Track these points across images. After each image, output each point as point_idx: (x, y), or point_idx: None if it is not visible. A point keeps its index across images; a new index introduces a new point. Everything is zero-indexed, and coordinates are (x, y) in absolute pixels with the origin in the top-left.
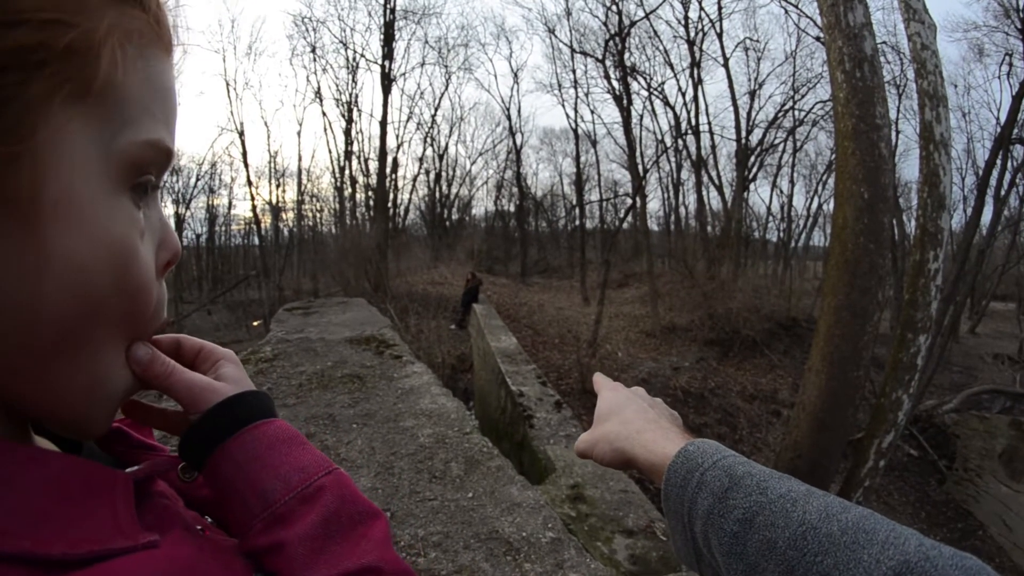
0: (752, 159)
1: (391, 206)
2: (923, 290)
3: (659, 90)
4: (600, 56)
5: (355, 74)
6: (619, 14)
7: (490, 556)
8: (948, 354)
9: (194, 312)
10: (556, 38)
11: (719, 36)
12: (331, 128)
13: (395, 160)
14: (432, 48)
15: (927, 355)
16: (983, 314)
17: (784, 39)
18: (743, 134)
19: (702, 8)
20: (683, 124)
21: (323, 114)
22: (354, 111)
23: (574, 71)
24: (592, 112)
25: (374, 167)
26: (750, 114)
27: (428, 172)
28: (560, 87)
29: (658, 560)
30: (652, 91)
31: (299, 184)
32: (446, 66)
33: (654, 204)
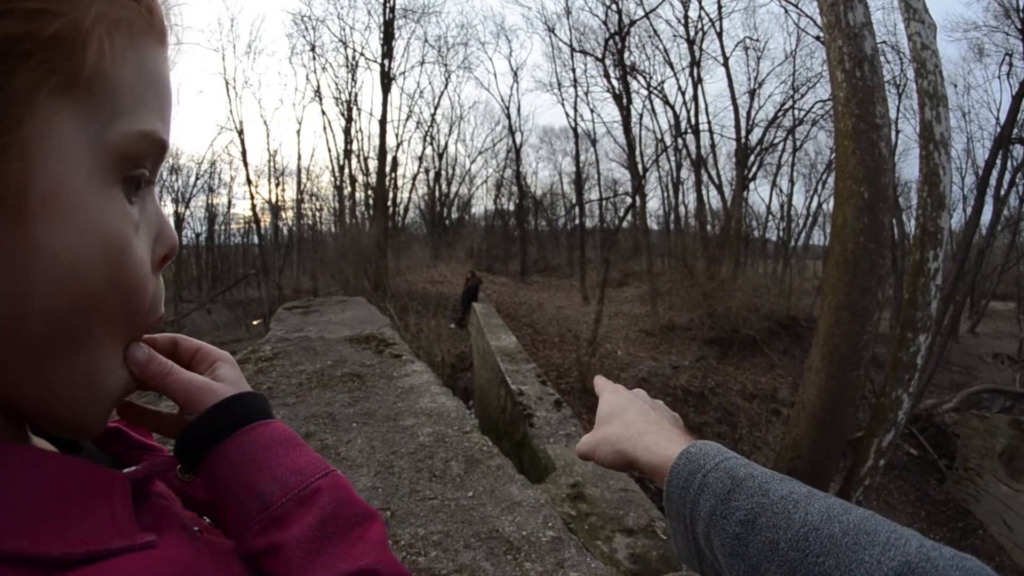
0: (752, 158)
1: (391, 205)
2: (923, 289)
3: (659, 89)
4: (600, 55)
5: (355, 73)
6: (619, 13)
7: (490, 555)
8: (948, 353)
9: (194, 311)
10: (556, 37)
11: (719, 35)
12: (330, 127)
13: (395, 159)
14: (432, 47)
15: (927, 354)
16: (983, 313)
17: (784, 38)
18: (743, 133)
19: (702, 7)
20: (683, 123)
21: (322, 113)
22: (354, 110)
23: (574, 70)
24: (592, 111)
25: (374, 166)
26: (750, 113)
27: (428, 171)
28: (560, 86)
29: (658, 559)
30: (652, 90)
31: (299, 183)
32: (446, 65)
33: (654, 203)
